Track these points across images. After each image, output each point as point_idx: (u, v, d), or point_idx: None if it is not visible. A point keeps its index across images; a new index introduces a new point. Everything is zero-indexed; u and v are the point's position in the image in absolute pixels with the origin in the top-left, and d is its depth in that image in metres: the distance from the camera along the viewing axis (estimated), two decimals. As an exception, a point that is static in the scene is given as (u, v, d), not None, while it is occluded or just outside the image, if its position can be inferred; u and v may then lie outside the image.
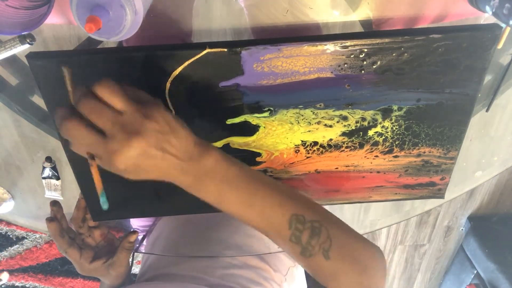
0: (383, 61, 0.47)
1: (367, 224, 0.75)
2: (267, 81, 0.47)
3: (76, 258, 0.59)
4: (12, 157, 0.61)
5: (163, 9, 0.47)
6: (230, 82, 0.47)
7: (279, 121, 0.51)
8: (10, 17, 0.41)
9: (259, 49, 0.45)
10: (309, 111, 0.50)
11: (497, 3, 0.41)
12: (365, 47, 0.45)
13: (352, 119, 0.51)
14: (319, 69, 0.47)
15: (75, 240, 0.60)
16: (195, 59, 0.45)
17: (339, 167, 0.57)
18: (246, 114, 0.50)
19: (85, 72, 0.45)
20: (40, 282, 1.68)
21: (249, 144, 0.53)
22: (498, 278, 1.55)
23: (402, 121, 0.52)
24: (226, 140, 0.53)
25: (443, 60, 0.47)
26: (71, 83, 0.38)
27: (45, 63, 0.45)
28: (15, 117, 0.57)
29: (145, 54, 0.45)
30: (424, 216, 1.68)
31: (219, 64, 0.46)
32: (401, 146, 0.55)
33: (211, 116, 0.50)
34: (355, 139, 0.53)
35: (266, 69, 0.46)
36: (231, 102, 0.49)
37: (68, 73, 0.38)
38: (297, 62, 0.46)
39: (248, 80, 0.47)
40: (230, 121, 0.51)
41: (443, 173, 0.58)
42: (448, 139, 0.54)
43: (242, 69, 0.46)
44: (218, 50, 0.44)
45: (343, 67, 0.47)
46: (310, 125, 0.52)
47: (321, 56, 0.46)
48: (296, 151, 0.54)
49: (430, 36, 0.45)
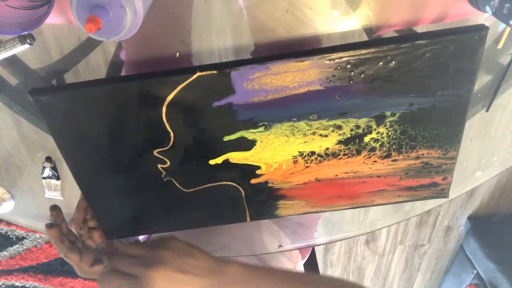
0: (370, 70, 0.47)
1: (367, 224, 0.75)
2: (259, 98, 0.48)
3: (77, 261, 0.59)
4: (12, 157, 0.61)
5: (163, 8, 0.47)
6: (223, 102, 0.48)
7: (274, 135, 0.52)
8: (10, 17, 0.41)
9: (247, 68, 0.46)
10: (303, 123, 0.51)
11: (497, 3, 0.41)
12: (351, 58, 0.46)
13: (347, 127, 0.52)
14: (308, 83, 0.47)
15: (75, 243, 0.60)
16: (187, 83, 0.47)
17: (338, 174, 0.57)
18: (241, 130, 0.51)
19: (85, 103, 0.48)
20: (40, 282, 1.68)
21: (247, 158, 0.54)
22: (498, 278, 1.55)
23: (397, 126, 0.52)
24: (225, 156, 0.54)
25: (432, 65, 0.46)
26: None
27: (48, 98, 0.47)
28: (15, 117, 0.57)
29: (139, 82, 0.47)
30: (424, 216, 1.68)
31: (211, 85, 0.47)
32: (398, 150, 0.55)
33: (208, 135, 0.51)
34: (351, 146, 0.54)
35: (257, 87, 0.47)
36: (226, 120, 0.50)
37: None
38: (286, 78, 0.47)
39: (240, 99, 0.48)
40: (227, 138, 0.52)
41: (444, 173, 0.58)
42: (446, 140, 0.54)
43: (234, 89, 0.47)
44: (209, 73, 0.46)
45: (332, 79, 0.47)
46: (306, 136, 0.52)
47: (309, 71, 0.46)
48: (294, 162, 0.55)
49: (415, 42, 0.45)
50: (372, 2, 0.47)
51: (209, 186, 0.57)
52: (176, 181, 0.56)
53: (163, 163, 0.54)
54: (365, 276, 1.88)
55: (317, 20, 0.49)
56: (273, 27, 0.49)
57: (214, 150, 0.53)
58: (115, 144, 0.52)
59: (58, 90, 0.48)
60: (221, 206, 0.60)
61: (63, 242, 0.57)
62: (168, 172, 0.55)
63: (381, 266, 1.85)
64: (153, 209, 0.59)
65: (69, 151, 0.52)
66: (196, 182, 0.56)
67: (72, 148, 0.52)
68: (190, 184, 0.56)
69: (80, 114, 0.49)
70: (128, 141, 0.51)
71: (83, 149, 0.52)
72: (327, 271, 1.82)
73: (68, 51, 0.50)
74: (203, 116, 0.50)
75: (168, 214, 0.60)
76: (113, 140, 0.51)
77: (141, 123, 0.50)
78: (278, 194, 0.58)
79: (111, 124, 0.50)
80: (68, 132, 0.50)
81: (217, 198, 0.58)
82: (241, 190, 0.57)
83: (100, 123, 0.50)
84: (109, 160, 0.53)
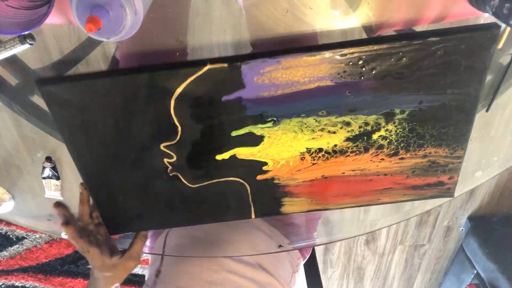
0: (382, 66, 0.46)
1: (367, 224, 0.75)
2: (269, 93, 0.48)
3: (98, 255, 0.58)
4: (12, 157, 0.61)
5: (160, 8, 0.47)
6: (232, 96, 0.48)
7: (282, 131, 0.51)
8: (10, 17, 0.41)
9: (258, 62, 0.45)
10: (312, 119, 0.51)
11: (497, 3, 0.41)
12: (363, 54, 0.45)
13: (355, 124, 0.51)
14: (319, 78, 0.47)
15: (90, 237, 0.59)
16: (197, 76, 0.46)
17: (345, 172, 0.57)
18: (250, 125, 0.51)
19: (92, 94, 0.47)
20: (40, 282, 1.68)
21: (255, 154, 0.54)
22: (498, 278, 1.55)
23: (406, 124, 0.52)
24: (232, 152, 0.53)
25: (443, 62, 0.46)
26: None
27: (55, 88, 0.47)
28: (15, 117, 0.57)
29: (148, 74, 0.46)
30: (424, 216, 1.68)
31: (221, 79, 0.46)
32: (406, 148, 0.54)
33: (216, 130, 0.51)
34: (359, 144, 0.53)
35: (267, 81, 0.47)
36: (234, 115, 0.50)
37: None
38: (296, 73, 0.46)
39: (250, 93, 0.48)
40: (234, 133, 0.51)
41: (450, 172, 0.58)
42: (453, 139, 0.54)
43: (243, 83, 0.47)
44: (219, 65, 0.45)
45: (343, 74, 0.47)
46: (314, 133, 0.52)
47: (320, 66, 0.46)
48: (301, 159, 0.55)
49: (428, 39, 0.45)
50: (372, 2, 0.47)
51: (215, 182, 0.57)
52: (182, 176, 0.56)
53: (170, 158, 0.53)
54: (365, 276, 1.88)
55: (317, 20, 0.49)
56: (273, 27, 0.49)
57: (222, 145, 0.53)
58: (122, 137, 0.51)
59: (66, 81, 0.47)
60: (226, 203, 0.59)
61: (82, 237, 0.57)
62: (174, 167, 0.54)
63: (381, 266, 1.85)
64: (158, 204, 0.59)
65: (74, 144, 0.52)
66: (202, 178, 0.56)
67: (78, 140, 0.51)
68: (196, 179, 0.56)
69: (87, 105, 0.48)
70: (134, 134, 0.51)
71: (89, 141, 0.51)
72: (327, 271, 1.82)
73: (68, 51, 0.50)
74: (212, 110, 0.49)
75: (173, 210, 0.60)
76: (119, 133, 0.51)
77: (148, 116, 0.49)
78: (284, 191, 0.58)
79: (118, 116, 0.49)
80: (74, 123, 0.50)
81: (222, 194, 0.58)
82: (247, 186, 0.57)
83: (107, 115, 0.49)
84: (114, 153, 0.53)
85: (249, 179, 0.57)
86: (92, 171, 0.55)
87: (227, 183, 0.57)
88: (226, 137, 0.52)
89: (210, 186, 0.57)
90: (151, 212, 0.60)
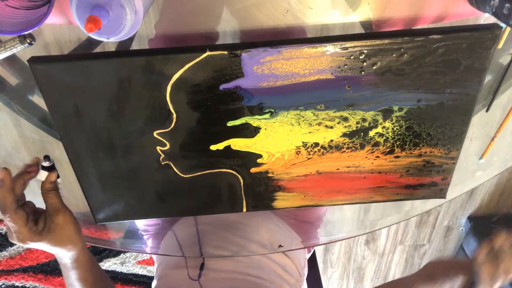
0: (383, 62, 0.46)
1: (367, 224, 0.75)
2: (268, 83, 0.47)
3: (24, 220, 0.51)
4: (12, 157, 0.61)
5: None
6: (230, 85, 0.47)
7: (279, 123, 0.51)
8: (10, 17, 0.41)
9: (259, 51, 0.45)
10: (310, 112, 0.50)
11: (497, 3, 0.41)
12: (365, 48, 0.45)
13: (353, 120, 0.51)
14: (319, 71, 0.47)
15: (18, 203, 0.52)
16: (196, 62, 0.45)
17: (340, 168, 0.57)
18: (246, 116, 0.50)
19: (86, 76, 0.46)
20: (40, 282, 1.68)
21: (250, 146, 0.53)
22: (498, 278, 1.54)
23: (403, 122, 0.52)
24: (227, 142, 0.53)
25: (443, 61, 0.47)
26: None
27: (48, 68, 0.45)
28: (15, 117, 0.57)
29: (146, 58, 0.45)
30: (424, 216, 1.68)
31: (220, 67, 0.46)
32: (402, 147, 0.55)
33: (212, 119, 0.50)
34: (356, 140, 0.53)
35: (267, 71, 0.46)
36: (231, 104, 0.49)
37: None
38: (297, 64, 0.46)
39: (248, 83, 0.47)
40: (231, 123, 0.51)
41: (444, 173, 0.58)
42: (449, 139, 0.54)
43: (243, 72, 0.46)
44: (219, 53, 0.45)
45: (343, 68, 0.47)
46: (311, 127, 0.52)
47: (321, 58, 0.46)
48: (297, 153, 0.54)
49: (430, 36, 0.45)
50: (372, 2, 0.47)
51: (208, 173, 0.56)
52: (174, 166, 0.54)
53: (163, 146, 0.52)
54: (365, 276, 1.88)
55: (317, 20, 0.49)
56: (273, 27, 0.49)
57: (216, 135, 0.52)
58: (114, 122, 0.50)
59: (59, 60, 0.45)
60: (218, 194, 0.58)
61: (11, 193, 0.50)
62: (167, 155, 0.53)
63: (381, 266, 1.85)
64: (148, 193, 0.58)
65: (65, 127, 0.50)
66: (195, 168, 0.55)
67: (68, 123, 0.50)
68: (188, 169, 0.55)
69: (80, 87, 0.46)
70: (128, 120, 0.50)
71: (80, 125, 0.50)
72: (327, 271, 1.82)
73: (68, 51, 0.50)
74: (209, 98, 0.48)
75: (163, 199, 0.58)
76: (112, 117, 0.49)
77: (143, 101, 0.48)
78: (277, 185, 0.58)
79: (112, 100, 0.48)
80: (66, 105, 0.48)
81: (214, 185, 0.57)
82: (240, 178, 0.57)
83: (100, 98, 0.48)
84: (106, 138, 0.51)
85: (242, 171, 0.56)
86: (82, 156, 0.53)
87: (220, 174, 0.56)
88: (222, 127, 0.51)
89: (203, 176, 0.56)
90: (141, 201, 0.58)
